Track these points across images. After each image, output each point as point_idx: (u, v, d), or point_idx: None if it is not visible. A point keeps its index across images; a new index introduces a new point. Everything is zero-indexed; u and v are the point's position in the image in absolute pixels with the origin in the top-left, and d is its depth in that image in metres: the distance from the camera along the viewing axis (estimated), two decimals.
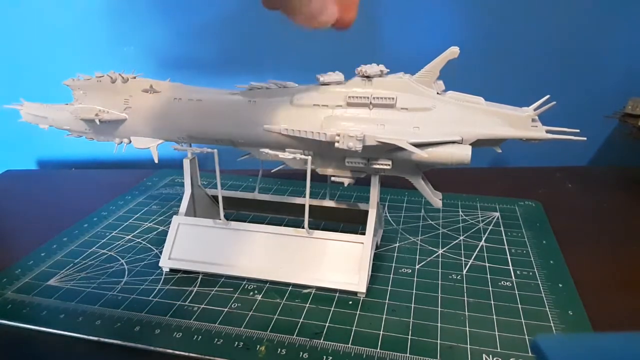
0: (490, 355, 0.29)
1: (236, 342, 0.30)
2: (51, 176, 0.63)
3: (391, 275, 0.37)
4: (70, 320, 0.33)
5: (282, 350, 0.30)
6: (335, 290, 0.35)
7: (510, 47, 0.58)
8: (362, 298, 0.34)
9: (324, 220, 0.43)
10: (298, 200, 0.43)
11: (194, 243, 0.38)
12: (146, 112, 0.37)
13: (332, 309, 0.33)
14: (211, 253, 0.37)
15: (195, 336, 0.31)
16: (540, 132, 0.32)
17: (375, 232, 0.37)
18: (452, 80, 0.34)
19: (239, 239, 0.37)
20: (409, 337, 0.31)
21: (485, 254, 0.40)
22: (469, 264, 0.38)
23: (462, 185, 0.52)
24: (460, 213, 0.47)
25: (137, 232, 0.44)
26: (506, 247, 0.41)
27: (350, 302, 0.34)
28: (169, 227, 0.38)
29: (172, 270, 0.38)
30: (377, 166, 0.33)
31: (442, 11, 0.57)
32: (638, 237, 0.42)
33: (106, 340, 0.31)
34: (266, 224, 0.39)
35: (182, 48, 0.61)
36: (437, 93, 0.33)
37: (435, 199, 0.36)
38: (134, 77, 0.38)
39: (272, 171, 0.37)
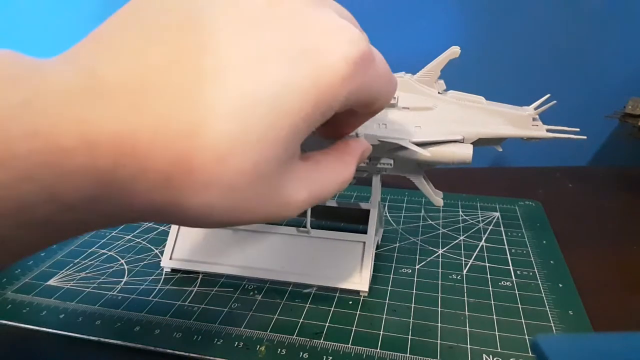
0: (491, 355, 0.29)
1: (236, 342, 0.30)
2: None
3: (391, 276, 0.37)
4: (70, 320, 0.33)
5: (282, 350, 0.30)
6: (335, 290, 0.35)
7: (510, 47, 0.58)
8: (362, 298, 0.34)
9: (325, 220, 0.43)
10: None
11: (195, 243, 0.38)
12: None
13: (332, 309, 0.33)
14: (211, 253, 0.37)
15: (195, 336, 0.31)
16: (540, 131, 0.33)
17: (376, 231, 0.37)
18: (453, 79, 0.34)
19: (239, 239, 0.37)
20: (409, 337, 0.31)
21: (485, 254, 0.40)
22: (469, 264, 0.38)
23: (462, 185, 0.52)
24: (460, 213, 0.47)
25: (137, 232, 0.44)
26: (506, 247, 0.41)
27: (351, 302, 0.34)
28: (169, 227, 0.38)
29: (173, 270, 0.38)
30: (379, 165, 0.33)
31: (442, 11, 0.57)
32: (638, 237, 0.42)
33: (106, 340, 0.31)
34: (266, 223, 0.39)
35: None
36: (439, 92, 0.33)
37: (437, 197, 0.36)
38: None
39: None
